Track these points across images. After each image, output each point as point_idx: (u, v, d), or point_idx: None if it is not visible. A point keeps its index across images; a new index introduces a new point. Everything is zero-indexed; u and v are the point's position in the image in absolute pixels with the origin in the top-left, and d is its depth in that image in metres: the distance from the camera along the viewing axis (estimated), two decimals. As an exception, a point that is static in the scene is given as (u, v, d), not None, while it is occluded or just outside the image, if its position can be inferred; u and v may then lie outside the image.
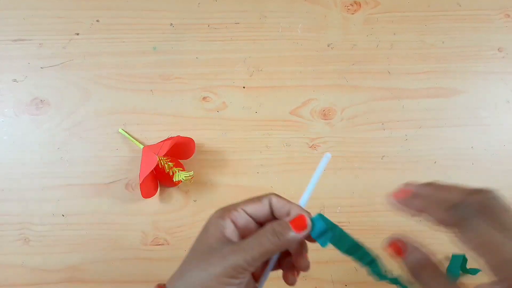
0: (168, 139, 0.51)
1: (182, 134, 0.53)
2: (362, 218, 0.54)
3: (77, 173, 0.54)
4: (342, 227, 0.34)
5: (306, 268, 0.33)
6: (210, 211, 0.53)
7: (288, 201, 0.32)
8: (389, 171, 0.55)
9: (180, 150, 0.53)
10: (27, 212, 0.53)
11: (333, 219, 0.52)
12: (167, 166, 0.51)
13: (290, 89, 0.56)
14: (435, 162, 0.55)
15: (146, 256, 0.53)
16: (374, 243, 0.52)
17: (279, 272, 0.35)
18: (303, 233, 0.30)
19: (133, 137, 0.54)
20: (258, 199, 0.32)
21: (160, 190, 0.54)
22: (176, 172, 0.51)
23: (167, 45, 0.57)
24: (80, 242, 0.53)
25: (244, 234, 0.32)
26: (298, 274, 0.34)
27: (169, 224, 0.53)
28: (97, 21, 0.57)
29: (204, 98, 0.56)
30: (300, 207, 0.32)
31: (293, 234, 0.30)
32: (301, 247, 0.34)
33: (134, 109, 0.55)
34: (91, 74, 0.56)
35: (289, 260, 0.34)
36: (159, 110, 0.56)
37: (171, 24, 0.57)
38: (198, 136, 0.55)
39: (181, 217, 0.53)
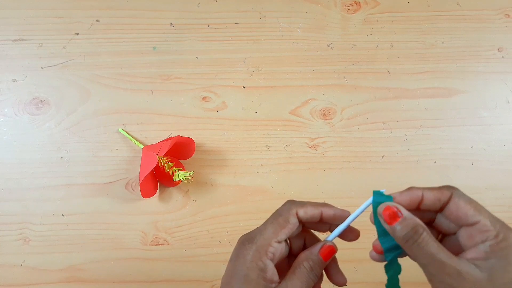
0: (168, 139, 0.51)
1: (182, 134, 0.53)
2: (362, 218, 0.53)
3: (77, 173, 0.54)
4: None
5: (342, 283, 0.34)
6: (210, 211, 0.54)
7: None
8: (389, 171, 0.55)
9: (180, 150, 0.53)
10: (27, 212, 0.53)
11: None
12: (167, 166, 0.51)
13: (290, 89, 0.56)
14: (435, 162, 0.55)
15: (146, 256, 0.53)
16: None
17: None
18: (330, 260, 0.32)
19: (133, 137, 0.54)
20: (284, 221, 0.31)
21: (160, 190, 0.54)
22: (176, 172, 0.51)
23: (167, 45, 0.57)
24: (80, 242, 0.53)
25: (276, 259, 0.32)
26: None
27: (169, 224, 0.53)
28: (97, 21, 0.57)
29: (204, 98, 0.56)
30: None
31: (324, 263, 0.32)
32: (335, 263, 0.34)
33: (134, 109, 0.55)
34: (91, 74, 0.56)
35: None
36: (159, 110, 0.56)
37: (171, 24, 0.57)
38: (198, 136, 0.55)
39: (181, 217, 0.53)
